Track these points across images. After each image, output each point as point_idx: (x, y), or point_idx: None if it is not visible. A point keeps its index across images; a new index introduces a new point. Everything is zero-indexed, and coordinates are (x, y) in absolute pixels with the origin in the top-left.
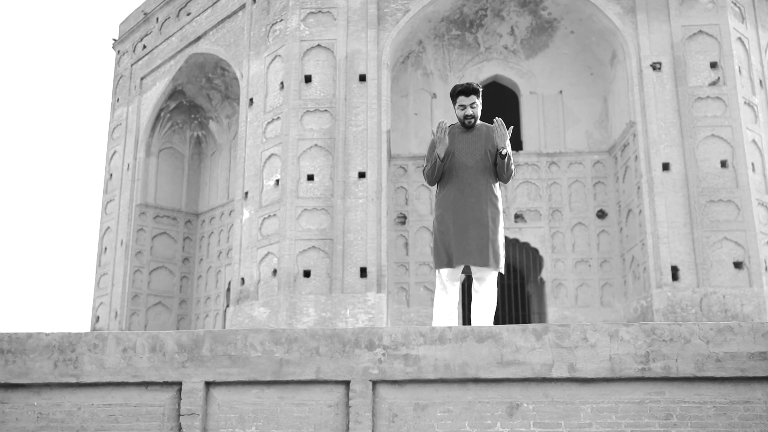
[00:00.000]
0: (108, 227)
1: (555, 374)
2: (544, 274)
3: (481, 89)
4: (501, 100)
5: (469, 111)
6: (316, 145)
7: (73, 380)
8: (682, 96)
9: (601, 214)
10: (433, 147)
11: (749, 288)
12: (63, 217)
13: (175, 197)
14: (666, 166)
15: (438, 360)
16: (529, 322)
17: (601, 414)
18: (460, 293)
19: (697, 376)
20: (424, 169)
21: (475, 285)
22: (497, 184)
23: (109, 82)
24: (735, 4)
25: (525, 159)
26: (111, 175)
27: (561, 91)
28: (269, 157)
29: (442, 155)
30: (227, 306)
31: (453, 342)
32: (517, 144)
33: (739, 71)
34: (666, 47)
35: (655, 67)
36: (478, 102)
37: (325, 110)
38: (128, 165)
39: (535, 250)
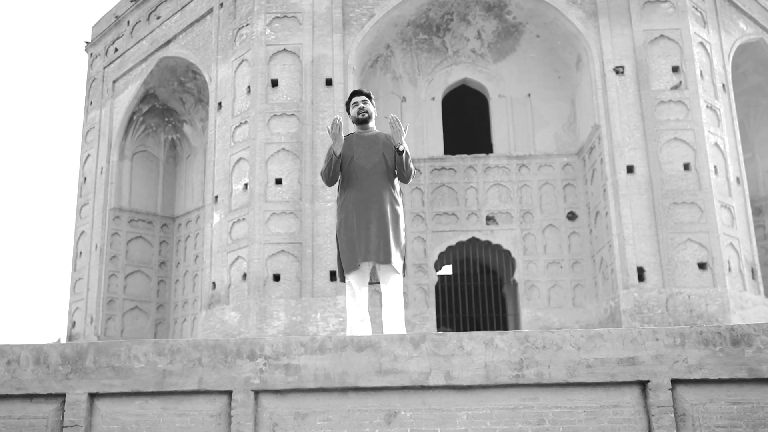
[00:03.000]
0: (83, 231)
1: (432, 382)
2: (517, 276)
3: (372, 95)
4: (471, 104)
5: (362, 105)
6: (283, 149)
7: None
8: (645, 99)
9: (572, 216)
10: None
11: (713, 288)
12: (40, 220)
13: (151, 201)
14: (630, 169)
15: (318, 369)
16: (505, 324)
17: (476, 420)
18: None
19: (569, 381)
20: (321, 171)
21: (382, 288)
22: (398, 188)
23: (82, 85)
24: (696, 9)
25: (495, 161)
26: (85, 178)
27: (529, 94)
28: (238, 161)
29: (338, 152)
30: None
31: (333, 351)
32: (487, 147)
33: (701, 75)
34: (628, 51)
35: (618, 71)
36: (371, 102)
37: (292, 114)
38: (102, 168)
39: (508, 252)
